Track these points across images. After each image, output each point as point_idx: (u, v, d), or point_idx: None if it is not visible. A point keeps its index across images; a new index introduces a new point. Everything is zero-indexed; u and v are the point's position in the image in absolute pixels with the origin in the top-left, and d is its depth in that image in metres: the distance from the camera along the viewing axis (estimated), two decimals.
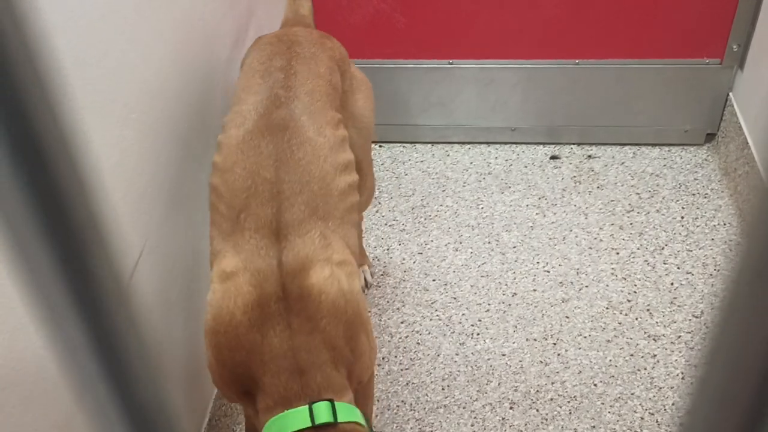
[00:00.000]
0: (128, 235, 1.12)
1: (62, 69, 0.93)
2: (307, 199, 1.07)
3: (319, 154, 1.10)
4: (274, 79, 1.17)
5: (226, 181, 1.09)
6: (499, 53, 2.04)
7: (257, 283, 1.01)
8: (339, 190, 1.11)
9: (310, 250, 1.04)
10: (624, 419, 1.51)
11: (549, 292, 1.76)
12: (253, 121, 1.11)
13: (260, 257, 1.03)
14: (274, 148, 1.09)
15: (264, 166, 1.07)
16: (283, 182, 1.06)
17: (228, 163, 1.10)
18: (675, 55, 1.99)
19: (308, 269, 1.03)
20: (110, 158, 1.06)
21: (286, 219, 1.05)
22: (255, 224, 1.05)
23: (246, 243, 1.04)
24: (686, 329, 1.66)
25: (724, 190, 1.99)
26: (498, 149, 2.17)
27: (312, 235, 1.05)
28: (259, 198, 1.06)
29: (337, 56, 1.31)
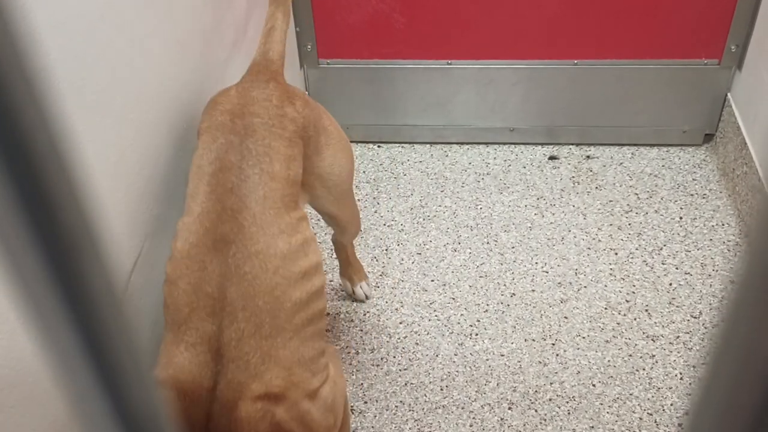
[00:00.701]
0: (127, 235, 1.11)
1: (61, 68, 0.93)
2: (250, 316, 1.00)
3: (268, 266, 1.04)
4: (223, 188, 1.08)
5: (171, 294, 1.04)
6: (497, 53, 2.04)
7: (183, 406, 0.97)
8: (293, 302, 1.04)
9: (243, 378, 0.98)
10: (622, 419, 1.51)
11: (547, 292, 1.76)
12: (198, 236, 1.05)
13: (191, 376, 0.97)
14: (218, 264, 1.03)
15: (207, 281, 1.02)
16: (225, 298, 1.01)
17: (174, 275, 1.04)
18: (673, 56, 1.99)
19: (237, 401, 0.96)
20: (109, 158, 1.05)
21: (224, 338, 0.99)
22: (193, 339, 1.00)
23: (180, 356, 0.99)
24: (685, 330, 1.67)
25: (722, 191, 1.99)
26: (496, 150, 2.17)
27: (249, 358, 0.99)
28: (201, 313, 1.01)
29: (299, 126, 1.20)
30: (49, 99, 0.19)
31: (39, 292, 0.20)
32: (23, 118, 0.18)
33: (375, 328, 1.71)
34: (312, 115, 1.26)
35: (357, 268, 1.75)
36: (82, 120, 0.98)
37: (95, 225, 0.21)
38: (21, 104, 0.18)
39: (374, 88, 2.13)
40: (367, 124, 2.19)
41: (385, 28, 2.01)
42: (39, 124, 0.19)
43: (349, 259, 1.71)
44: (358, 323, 1.73)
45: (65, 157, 0.20)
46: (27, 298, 0.21)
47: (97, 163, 1.02)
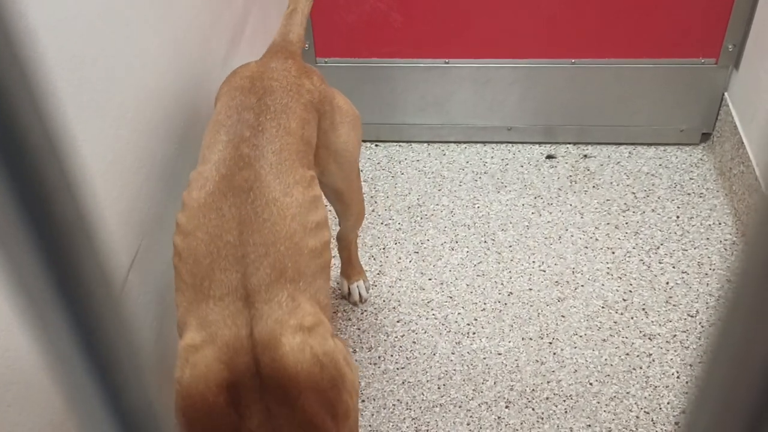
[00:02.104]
0: (124, 234, 1.11)
1: (58, 67, 0.92)
2: (274, 261, 1.01)
3: (286, 213, 1.05)
4: (240, 137, 1.10)
5: (188, 246, 1.03)
6: (495, 53, 2.04)
7: (228, 359, 0.96)
8: (309, 249, 1.06)
9: (279, 315, 0.99)
10: (619, 418, 1.51)
11: (545, 291, 1.76)
12: (215, 183, 1.06)
13: (228, 328, 0.97)
14: (237, 211, 1.03)
15: (227, 229, 1.02)
16: (248, 245, 1.01)
17: (190, 226, 1.04)
18: (671, 55, 1.99)
19: (279, 338, 0.97)
20: (106, 157, 1.05)
21: (252, 284, 0.99)
22: (220, 291, 0.99)
23: (211, 313, 0.98)
24: (681, 328, 1.67)
25: (719, 190, 1.99)
26: (494, 149, 2.17)
27: (280, 299, 1.00)
28: (223, 263, 1.00)
29: (315, 98, 1.24)
30: (46, 97, 0.19)
31: (36, 289, 0.20)
32: (20, 117, 0.18)
33: (372, 327, 1.71)
34: (328, 91, 1.30)
35: (358, 269, 1.75)
36: (80, 119, 0.98)
37: (92, 222, 0.21)
38: (18, 103, 0.18)
39: (372, 87, 2.13)
40: (365, 123, 2.18)
41: (382, 27, 2.01)
42: (36, 122, 0.19)
43: (351, 259, 1.71)
44: (355, 322, 1.73)
45: (62, 155, 0.20)
46: (23, 296, 0.21)
47: (94, 162, 1.02)
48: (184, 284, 1.03)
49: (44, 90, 0.19)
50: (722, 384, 0.19)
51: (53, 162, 0.19)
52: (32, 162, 0.19)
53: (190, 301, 1.01)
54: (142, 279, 1.17)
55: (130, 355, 0.23)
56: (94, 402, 0.23)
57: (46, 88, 0.19)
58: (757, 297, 0.18)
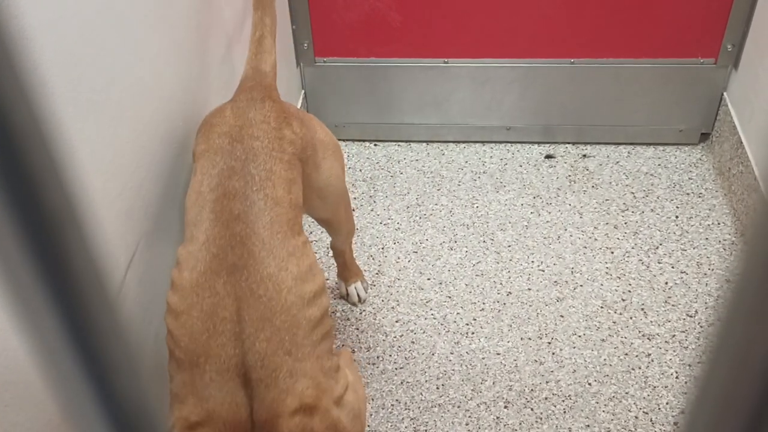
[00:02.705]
0: (122, 234, 1.11)
1: (56, 67, 0.92)
2: (271, 335, 1.00)
3: (282, 287, 1.03)
4: (229, 214, 1.06)
5: (183, 325, 1.01)
6: (494, 52, 2.04)
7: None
8: (307, 319, 1.04)
9: (276, 395, 0.97)
10: (618, 418, 1.51)
11: (543, 291, 1.76)
12: (206, 263, 1.03)
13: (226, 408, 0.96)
14: (231, 288, 1.02)
15: (222, 306, 1.01)
16: (244, 321, 1.00)
17: (183, 305, 1.02)
18: (670, 55, 1.99)
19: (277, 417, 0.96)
20: (105, 157, 1.05)
21: (249, 360, 0.98)
22: (217, 367, 0.98)
23: (208, 389, 0.97)
24: (680, 328, 1.67)
25: (718, 190, 1.99)
26: (493, 148, 2.17)
27: (277, 375, 0.98)
28: (220, 338, 0.99)
29: (298, 148, 1.20)
30: (39, 97, 0.19)
31: (29, 289, 0.20)
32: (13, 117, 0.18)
33: (371, 327, 1.71)
34: (308, 134, 1.25)
35: (354, 271, 1.75)
36: (78, 118, 0.98)
37: (85, 221, 0.21)
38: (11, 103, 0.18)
39: (371, 87, 2.12)
40: (364, 122, 2.19)
41: (381, 27, 2.01)
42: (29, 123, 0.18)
43: (346, 263, 1.71)
44: (354, 322, 1.72)
45: (55, 155, 0.19)
46: (17, 296, 0.20)
47: (92, 162, 1.02)
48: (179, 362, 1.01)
49: (36, 88, 0.19)
50: (722, 384, 0.19)
51: (45, 160, 0.19)
52: (23, 160, 0.19)
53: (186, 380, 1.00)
54: (141, 278, 1.17)
55: (124, 355, 0.23)
56: (88, 402, 0.22)
57: (37, 86, 0.19)
58: (757, 297, 0.18)
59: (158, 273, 1.23)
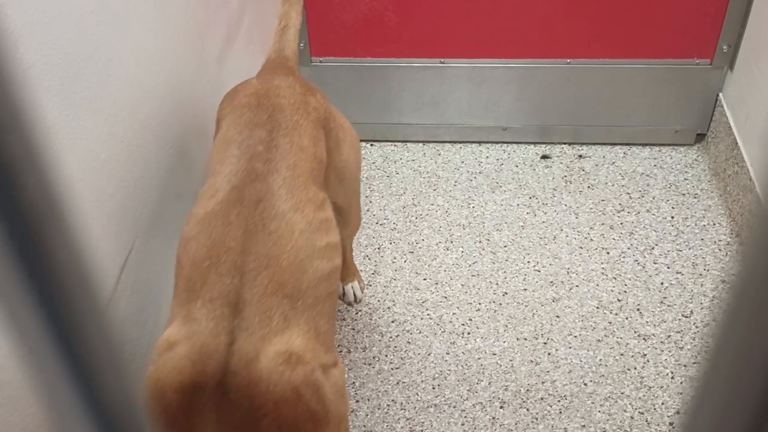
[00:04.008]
0: (117, 234, 1.11)
1: (52, 65, 0.92)
2: (273, 274, 0.97)
3: (294, 229, 1.02)
4: (253, 152, 1.08)
5: (187, 252, 1.00)
6: (491, 53, 2.04)
7: (198, 359, 0.91)
8: (314, 270, 1.02)
9: (265, 333, 0.93)
10: (614, 418, 1.51)
11: (539, 291, 1.76)
12: (225, 193, 1.04)
13: (208, 331, 0.92)
14: (243, 220, 1.00)
15: (231, 236, 0.99)
16: (250, 254, 0.98)
17: (193, 232, 1.01)
18: (666, 56, 2.00)
19: (258, 355, 0.92)
20: (99, 156, 1.05)
21: (246, 293, 0.95)
22: (211, 294, 0.95)
23: (197, 312, 0.94)
24: (676, 329, 1.67)
25: (713, 190, 1.99)
26: (489, 148, 2.17)
27: (272, 314, 0.95)
28: (220, 268, 0.97)
29: (321, 115, 1.22)
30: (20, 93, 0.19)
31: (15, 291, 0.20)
32: None
33: (367, 327, 1.71)
34: (331, 109, 1.29)
35: (353, 270, 1.75)
36: (73, 117, 0.97)
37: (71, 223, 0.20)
38: None
39: (367, 87, 2.12)
40: (360, 122, 2.19)
41: (378, 27, 2.01)
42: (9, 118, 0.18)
43: (346, 261, 1.71)
44: (350, 322, 1.72)
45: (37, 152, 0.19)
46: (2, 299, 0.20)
47: (87, 161, 1.02)
48: (178, 290, 1.00)
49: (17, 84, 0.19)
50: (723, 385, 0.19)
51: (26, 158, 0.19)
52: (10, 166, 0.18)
53: (181, 301, 0.98)
54: (136, 278, 1.16)
55: (111, 358, 0.22)
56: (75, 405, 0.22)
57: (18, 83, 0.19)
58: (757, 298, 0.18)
59: (153, 273, 1.23)
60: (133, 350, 1.17)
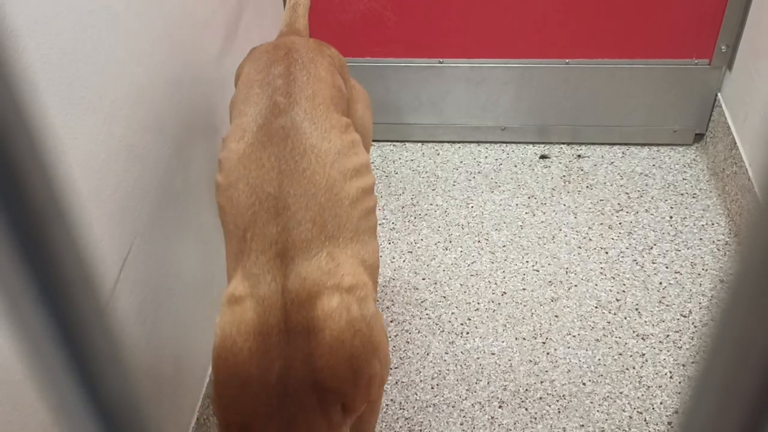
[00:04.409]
0: (116, 233, 1.11)
1: (50, 64, 0.92)
2: (314, 215, 1.01)
3: (325, 161, 1.05)
4: (273, 87, 1.12)
5: (230, 198, 1.05)
6: (489, 52, 2.04)
7: (261, 311, 0.97)
8: (350, 198, 1.06)
9: (317, 275, 0.98)
10: (612, 418, 1.51)
11: (538, 291, 1.76)
12: (253, 133, 1.07)
13: (265, 283, 0.98)
14: (276, 160, 1.04)
15: (267, 180, 1.03)
16: (288, 196, 1.02)
17: (231, 179, 1.05)
18: (664, 56, 2.00)
19: (314, 299, 0.97)
20: (98, 155, 1.05)
21: (292, 239, 1.00)
22: (260, 245, 1.00)
23: (253, 266, 1.00)
24: (674, 328, 1.67)
25: (712, 190, 2.00)
26: (488, 148, 2.17)
27: (319, 257, 1.00)
28: (264, 215, 1.01)
29: (337, 63, 1.26)
30: (25, 94, 0.19)
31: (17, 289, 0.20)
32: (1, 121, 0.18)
33: None
34: (344, 66, 1.34)
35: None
36: (72, 116, 0.97)
37: (74, 221, 0.21)
38: None
39: (366, 87, 2.12)
40: None
41: (376, 27, 2.01)
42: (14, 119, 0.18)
43: None
44: None
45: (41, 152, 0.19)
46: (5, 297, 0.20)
47: (86, 160, 1.02)
48: (230, 235, 1.05)
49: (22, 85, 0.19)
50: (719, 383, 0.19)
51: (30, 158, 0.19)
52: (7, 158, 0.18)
53: (236, 252, 1.03)
54: (135, 277, 1.16)
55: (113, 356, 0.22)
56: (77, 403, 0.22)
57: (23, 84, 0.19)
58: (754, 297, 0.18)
59: (152, 273, 1.23)
60: (131, 350, 1.17)
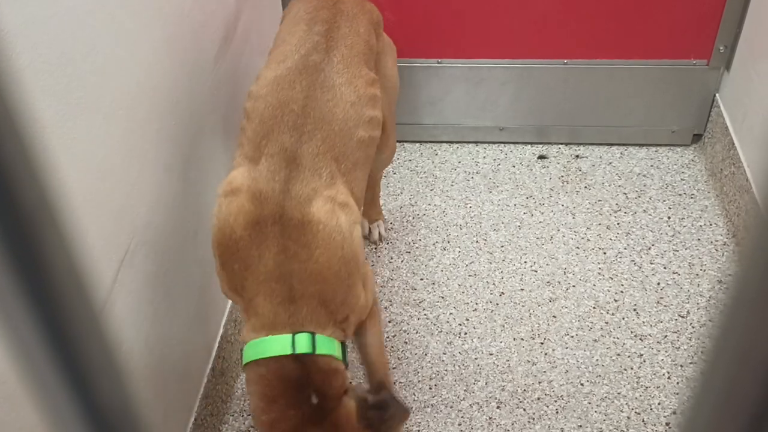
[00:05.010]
0: (113, 234, 1.11)
1: (48, 65, 0.92)
2: (326, 137, 1.15)
3: (346, 99, 1.20)
4: (318, 29, 1.27)
5: (257, 108, 1.19)
6: (488, 53, 2.04)
7: (258, 203, 1.09)
8: (358, 138, 1.20)
9: (317, 183, 1.11)
10: (610, 418, 1.51)
11: (536, 291, 1.76)
12: (292, 60, 1.22)
13: (267, 180, 1.10)
14: (305, 86, 1.18)
15: (293, 100, 1.17)
16: (308, 116, 1.16)
17: (262, 91, 1.20)
18: (662, 56, 2.00)
19: (311, 200, 1.10)
20: (97, 155, 1.05)
21: (302, 150, 1.13)
22: (273, 149, 1.13)
23: (261, 164, 1.12)
24: (672, 329, 1.67)
25: (710, 191, 2.00)
26: (486, 149, 2.17)
27: (322, 171, 1.13)
28: (283, 126, 1.15)
29: (374, 19, 1.41)
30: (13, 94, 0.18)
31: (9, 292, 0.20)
32: None
33: None
34: (380, 21, 1.47)
35: (378, 210, 1.85)
36: (70, 117, 0.97)
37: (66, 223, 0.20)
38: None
39: None
40: None
41: None
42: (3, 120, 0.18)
43: (374, 199, 1.80)
44: None
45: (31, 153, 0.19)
46: None
47: (83, 161, 1.01)
48: (246, 140, 1.18)
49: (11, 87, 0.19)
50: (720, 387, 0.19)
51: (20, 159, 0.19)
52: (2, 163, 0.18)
53: (248, 155, 1.16)
54: (133, 278, 1.16)
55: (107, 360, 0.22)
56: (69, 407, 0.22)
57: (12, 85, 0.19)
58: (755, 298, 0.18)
59: (151, 273, 1.22)
60: (129, 351, 1.17)
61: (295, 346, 1.06)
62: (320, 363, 1.07)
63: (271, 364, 1.07)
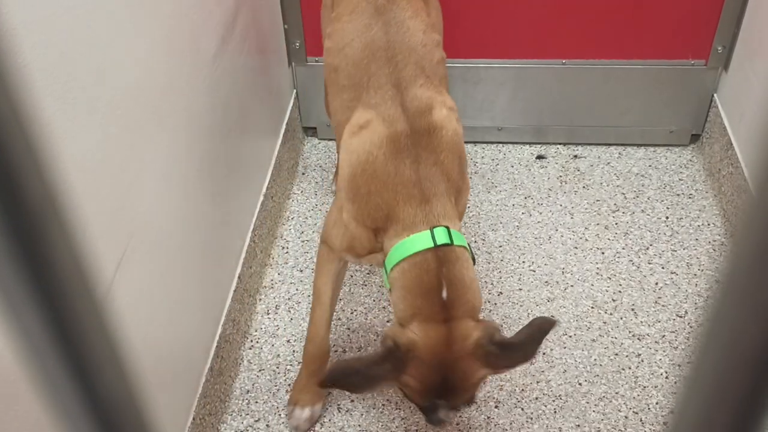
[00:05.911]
0: (112, 232, 1.11)
1: (46, 64, 0.92)
2: (416, 60, 1.31)
3: (418, 29, 1.36)
4: None
5: (345, 56, 1.34)
6: (485, 53, 2.04)
7: (389, 124, 1.23)
8: (437, 59, 1.36)
9: (428, 95, 1.26)
10: (608, 418, 1.52)
11: (534, 291, 1.77)
12: (363, 7, 1.37)
13: (387, 106, 1.24)
14: (383, 26, 1.34)
15: (377, 38, 1.32)
16: (395, 48, 1.31)
17: (345, 40, 1.35)
18: (661, 56, 2.00)
19: (430, 109, 1.24)
20: (95, 155, 1.05)
21: (403, 75, 1.28)
22: (378, 82, 1.27)
23: (373, 98, 1.26)
24: (670, 329, 1.68)
25: (708, 191, 2.00)
26: (484, 149, 2.17)
27: (427, 85, 1.28)
28: (378, 62, 1.29)
29: None
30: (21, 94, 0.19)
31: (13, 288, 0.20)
32: None
33: (362, 327, 1.71)
34: None
35: None
36: (68, 116, 0.97)
37: (70, 221, 0.21)
38: None
39: None
40: None
41: None
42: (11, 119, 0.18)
43: None
44: (345, 321, 1.72)
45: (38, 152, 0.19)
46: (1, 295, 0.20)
47: (82, 161, 1.02)
48: (341, 89, 1.33)
49: (18, 85, 0.19)
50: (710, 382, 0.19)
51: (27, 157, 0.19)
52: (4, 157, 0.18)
53: (351, 98, 1.30)
54: (131, 277, 1.16)
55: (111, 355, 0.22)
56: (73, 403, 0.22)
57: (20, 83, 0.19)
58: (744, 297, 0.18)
59: (150, 273, 1.23)
60: (128, 347, 1.17)
61: (435, 239, 1.16)
62: (457, 252, 1.17)
63: (414, 258, 1.16)
